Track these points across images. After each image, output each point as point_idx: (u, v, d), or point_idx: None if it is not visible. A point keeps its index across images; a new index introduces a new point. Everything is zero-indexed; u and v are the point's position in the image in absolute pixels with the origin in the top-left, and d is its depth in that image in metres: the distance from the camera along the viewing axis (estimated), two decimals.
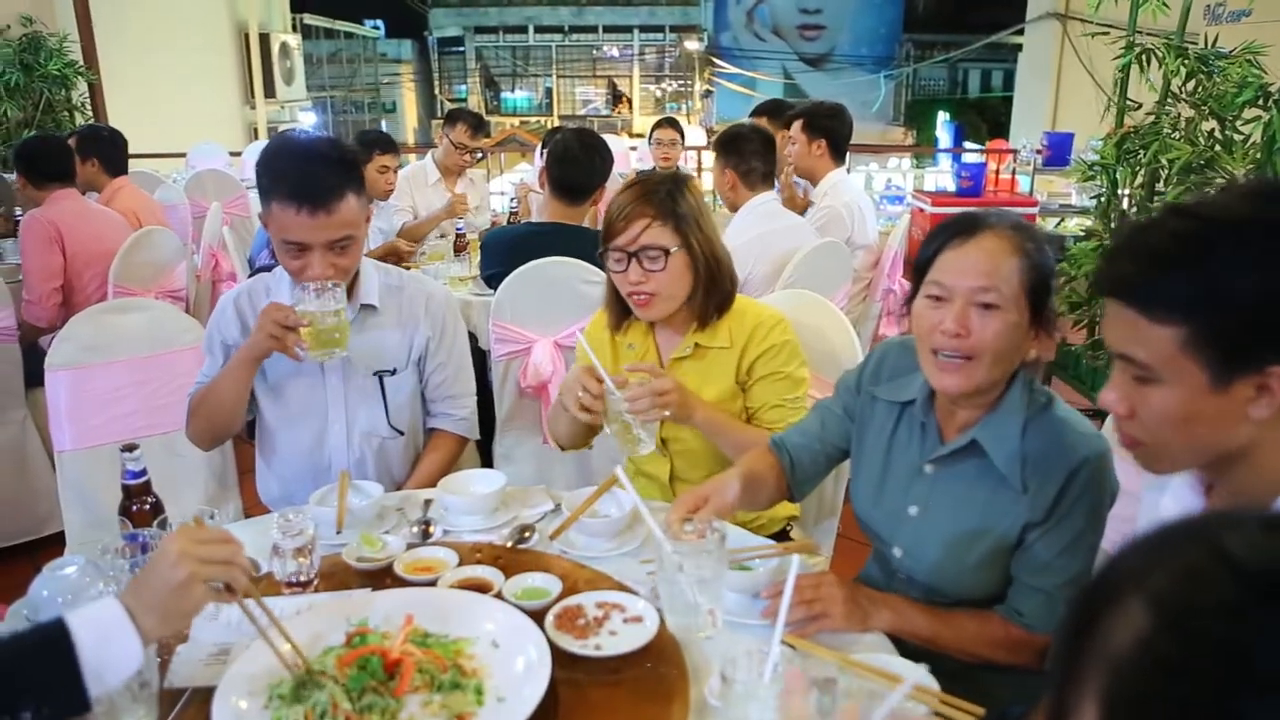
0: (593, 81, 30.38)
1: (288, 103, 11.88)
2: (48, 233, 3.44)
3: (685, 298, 1.88)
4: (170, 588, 1.06)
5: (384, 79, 23.18)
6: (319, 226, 1.76)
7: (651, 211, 1.81)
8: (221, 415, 1.94)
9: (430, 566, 1.53)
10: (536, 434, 2.84)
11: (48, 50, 7.15)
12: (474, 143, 4.40)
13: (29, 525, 3.27)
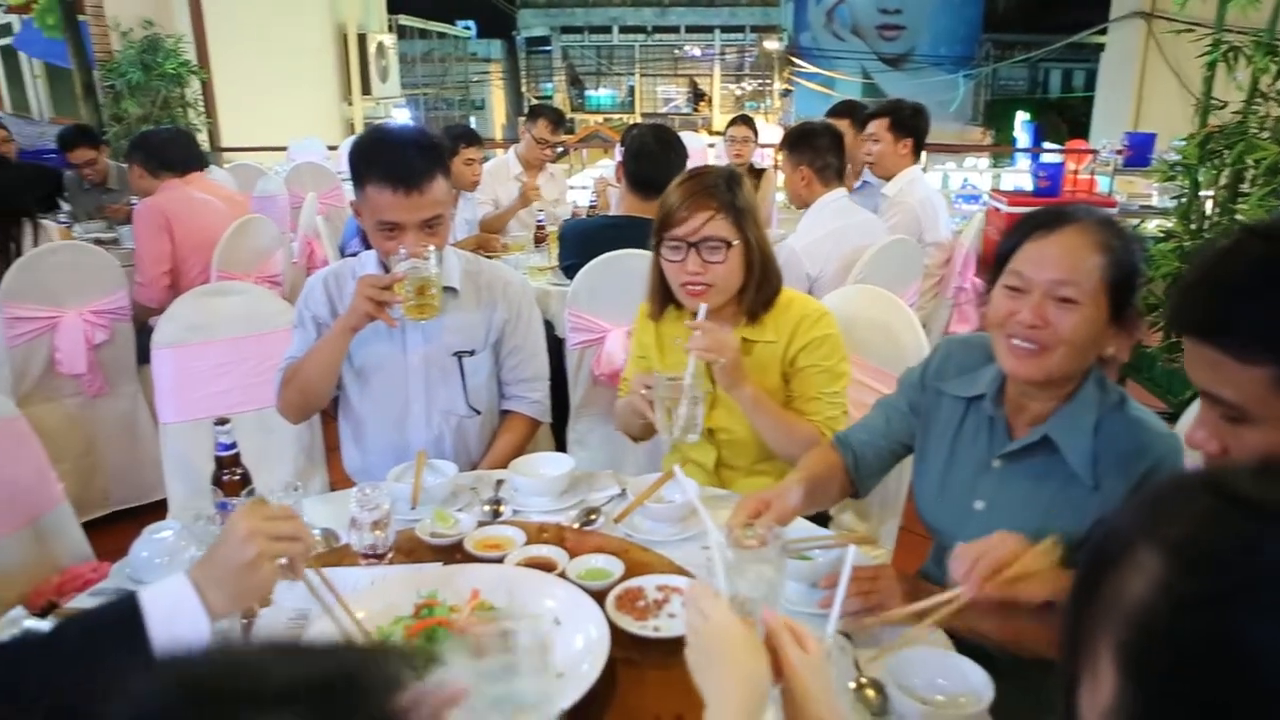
0: (674, 80, 30.29)
1: (383, 100, 12.10)
2: (157, 220, 3.57)
3: (737, 291, 1.86)
4: (239, 565, 1.05)
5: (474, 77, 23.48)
6: (412, 206, 1.82)
7: (714, 204, 1.79)
8: (313, 386, 1.99)
9: (499, 544, 1.54)
10: (608, 420, 2.84)
11: (165, 51, 7.42)
12: (554, 137, 4.43)
13: (137, 491, 3.41)
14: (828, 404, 1.87)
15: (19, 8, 6.59)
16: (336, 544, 1.59)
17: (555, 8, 28.20)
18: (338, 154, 7.57)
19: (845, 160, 3.39)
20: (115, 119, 7.26)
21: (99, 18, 7.25)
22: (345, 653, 0.43)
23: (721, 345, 1.71)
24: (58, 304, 3.13)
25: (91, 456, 3.33)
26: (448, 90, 19.90)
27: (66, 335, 3.13)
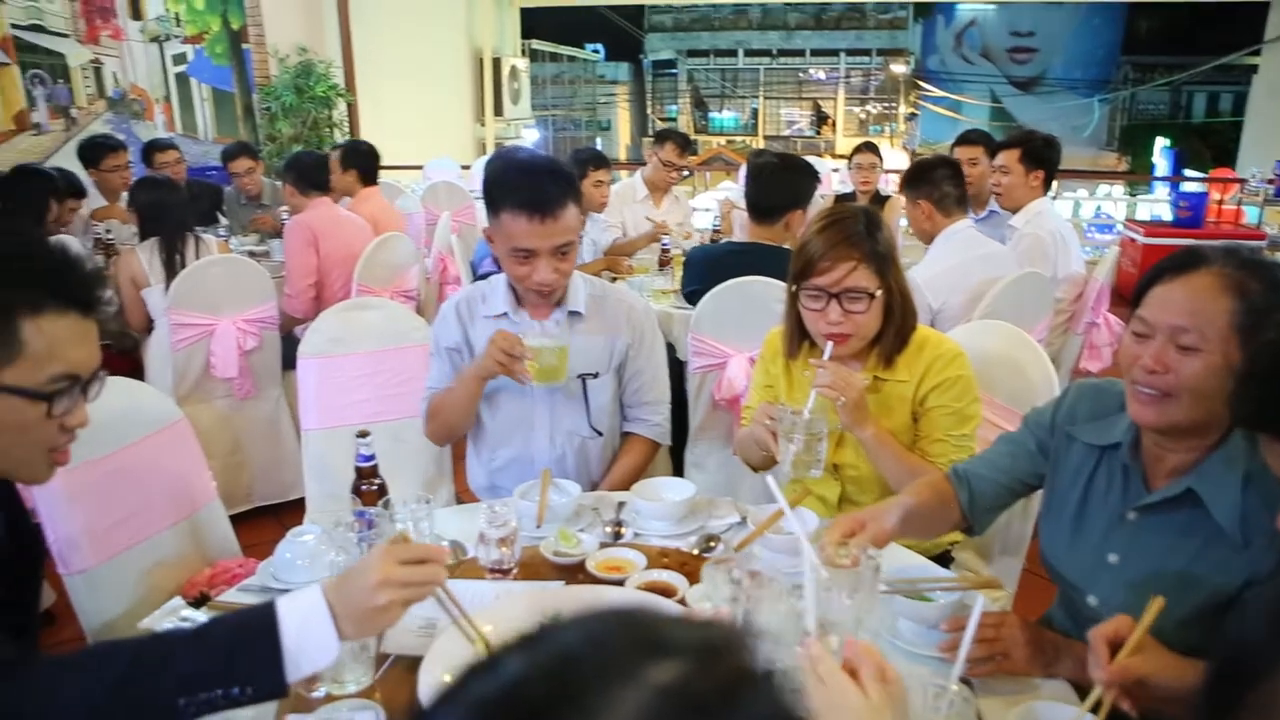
0: (798, 103, 30.09)
1: (514, 120, 12.44)
2: (306, 236, 3.76)
3: (875, 336, 1.83)
4: (371, 608, 1.09)
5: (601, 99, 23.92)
6: (545, 233, 1.85)
7: (857, 254, 1.74)
8: (455, 420, 2.09)
9: (620, 566, 1.56)
10: (726, 445, 2.84)
11: (316, 75, 7.83)
12: (681, 160, 4.46)
13: (278, 489, 3.59)
14: (953, 446, 1.82)
15: (194, 38, 7.05)
16: (464, 556, 1.63)
17: (682, 31, 28.46)
18: (470, 173, 7.83)
19: (965, 188, 3.30)
20: (270, 138, 7.70)
21: (260, 46, 7.72)
22: (715, 624, 0.49)
23: (845, 385, 1.69)
24: (215, 312, 3.33)
25: (238, 455, 3.52)
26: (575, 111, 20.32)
27: (221, 341, 3.33)
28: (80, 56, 6.10)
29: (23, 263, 1.11)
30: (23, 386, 1.09)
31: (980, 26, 25.37)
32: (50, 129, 5.84)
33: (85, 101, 6.15)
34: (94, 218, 4.64)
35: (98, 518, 1.82)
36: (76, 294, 1.13)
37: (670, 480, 1.86)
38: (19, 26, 5.61)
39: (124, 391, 1.98)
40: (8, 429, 1.10)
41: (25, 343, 1.08)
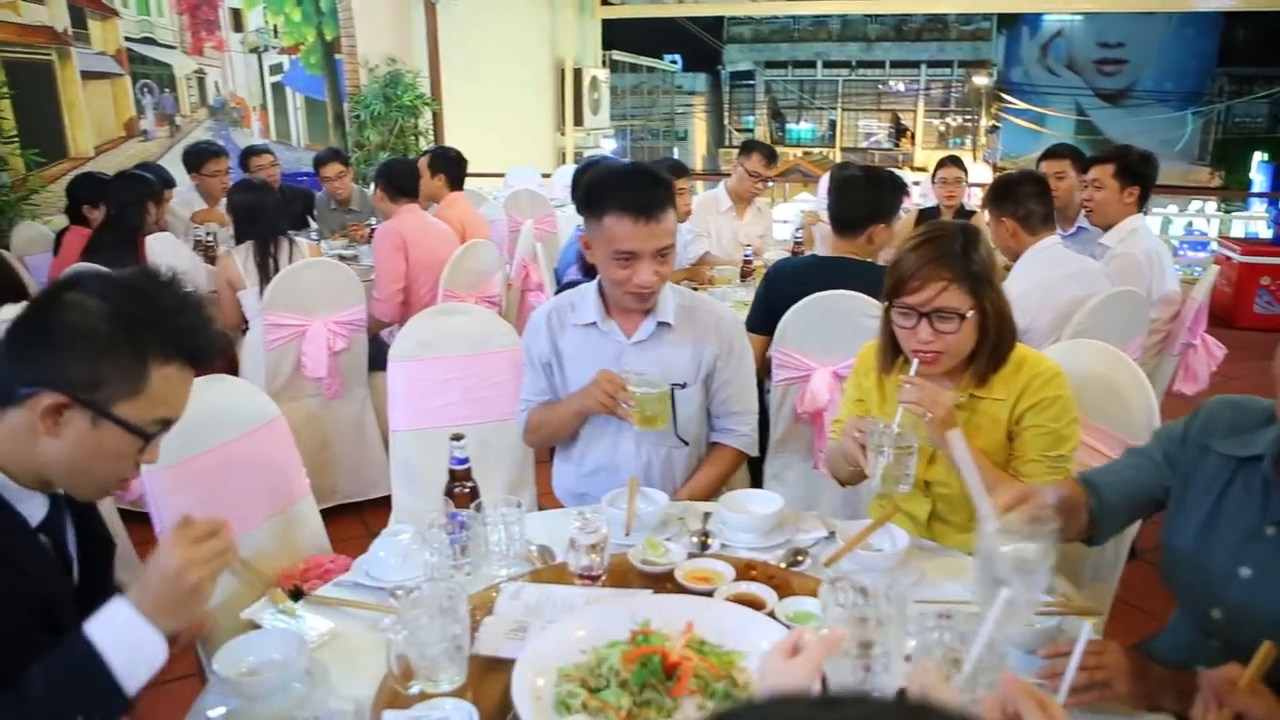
0: (876, 115, 29.75)
1: (593, 130, 12.54)
2: (396, 242, 3.84)
3: (969, 357, 1.79)
4: (183, 593, 1.11)
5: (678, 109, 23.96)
6: (649, 235, 1.88)
7: (949, 274, 1.70)
8: (555, 438, 2.20)
9: (708, 577, 1.55)
10: (807, 458, 2.81)
11: (404, 85, 8.01)
12: (767, 171, 4.44)
13: (361, 487, 3.66)
14: (1048, 468, 1.77)
15: (290, 49, 7.29)
16: (552, 561, 1.64)
17: (761, 43, 28.39)
18: (550, 181, 7.91)
19: (1052, 204, 3.20)
20: (358, 145, 7.90)
21: (352, 56, 7.93)
22: None
23: (933, 402, 1.66)
24: (307, 314, 3.42)
25: (325, 452, 3.60)
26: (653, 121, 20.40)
27: (313, 342, 3.41)
28: (186, 67, 6.35)
29: (169, 317, 1.18)
30: (132, 422, 1.15)
31: (1067, 37, 24.76)
32: (156, 135, 6.09)
33: (189, 109, 6.40)
34: (194, 220, 4.81)
35: (201, 508, 1.86)
36: (200, 352, 1.21)
37: (757, 492, 1.84)
38: (132, 39, 5.87)
39: (228, 388, 2.05)
40: (103, 455, 1.17)
41: (149, 385, 1.15)
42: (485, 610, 1.45)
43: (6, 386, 1.12)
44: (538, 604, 1.48)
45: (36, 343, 1.13)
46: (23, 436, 1.13)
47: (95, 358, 1.12)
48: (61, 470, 1.17)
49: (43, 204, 4.99)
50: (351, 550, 2.08)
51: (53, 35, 5.31)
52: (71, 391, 1.11)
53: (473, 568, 1.58)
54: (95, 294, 1.14)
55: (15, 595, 1.14)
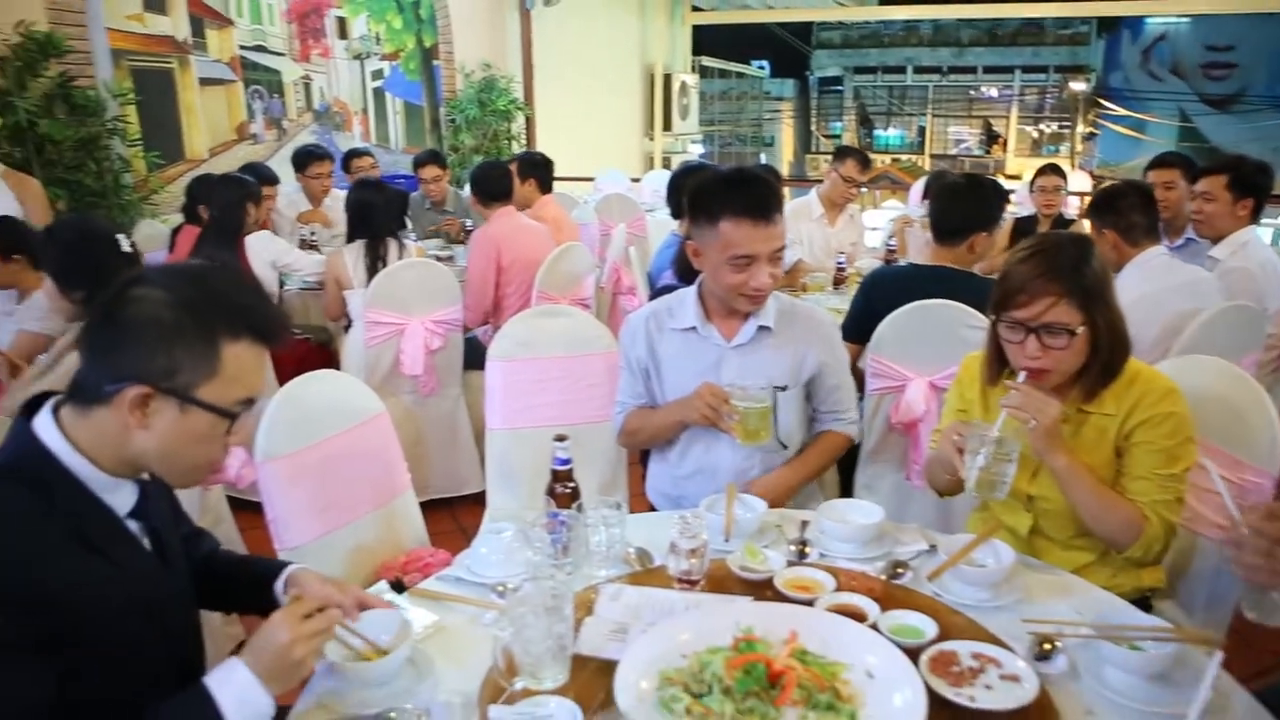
0: (967, 121, 29.11)
1: (681, 135, 12.55)
2: (489, 251, 3.91)
3: (1077, 372, 1.73)
4: (289, 665, 1.18)
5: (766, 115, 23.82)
6: (766, 237, 1.89)
7: (1058, 289, 1.64)
8: (652, 443, 2.21)
9: (808, 586, 1.53)
10: (900, 469, 2.76)
11: (498, 90, 8.14)
12: (862, 177, 4.38)
13: (453, 483, 3.73)
14: (1159, 487, 1.69)
15: (391, 55, 7.49)
16: (650, 564, 1.64)
17: (850, 48, 28.05)
18: (640, 186, 7.94)
19: (1157, 216, 3.07)
20: (453, 149, 8.05)
21: (449, 62, 8.09)
22: None
23: (1038, 410, 1.62)
24: (406, 312, 3.49)
25: (419, 448, 3.68)
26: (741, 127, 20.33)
27: (411, 340, 3.49)
28: (293, 73, 6.56)
29: (228, 296, 1.21)
30: (215, 404, 1.19)
31: (1171, 41, 23.83)
32: (265, 139, 6.31)
33: (295, 114, 6.61)
34: (300, 220, 4.97)
35: (310, 499, 1.94)
36: (265, 327, 1.23)
37: (856, 503, 1.81)
38: (245, 48, 6.10)
39: (337, 383, 2.11)
40: (193, 440, 1.20)
41: (223, 364, 1.18)
42: (585, 610, 1.46)
43: (92, 386, 1.16)
44: (637, 606, 1.48)
45: (111, 340, 1.17)
46: (114, 432, 1.17)
47: (168, 345, 1.15)
48: (156, 460, 1.20)
49: (161, 203, 5.22)
50: (444, 545, 2.13)
51: (174, 44, 5.55)
52: (153, 381, 1.15)
53: (573, 568, 1.58)
54: (156, 286, 1.17)
55: (111, 587, 1.18)
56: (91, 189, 4.60)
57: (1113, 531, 1.69)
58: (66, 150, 4.50)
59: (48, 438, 1.17)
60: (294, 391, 1.97)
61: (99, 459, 1.18)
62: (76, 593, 1.13)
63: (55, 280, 2.33)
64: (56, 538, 1.14)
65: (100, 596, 1.16)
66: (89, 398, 1.17)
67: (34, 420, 1.18)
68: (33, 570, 1.10)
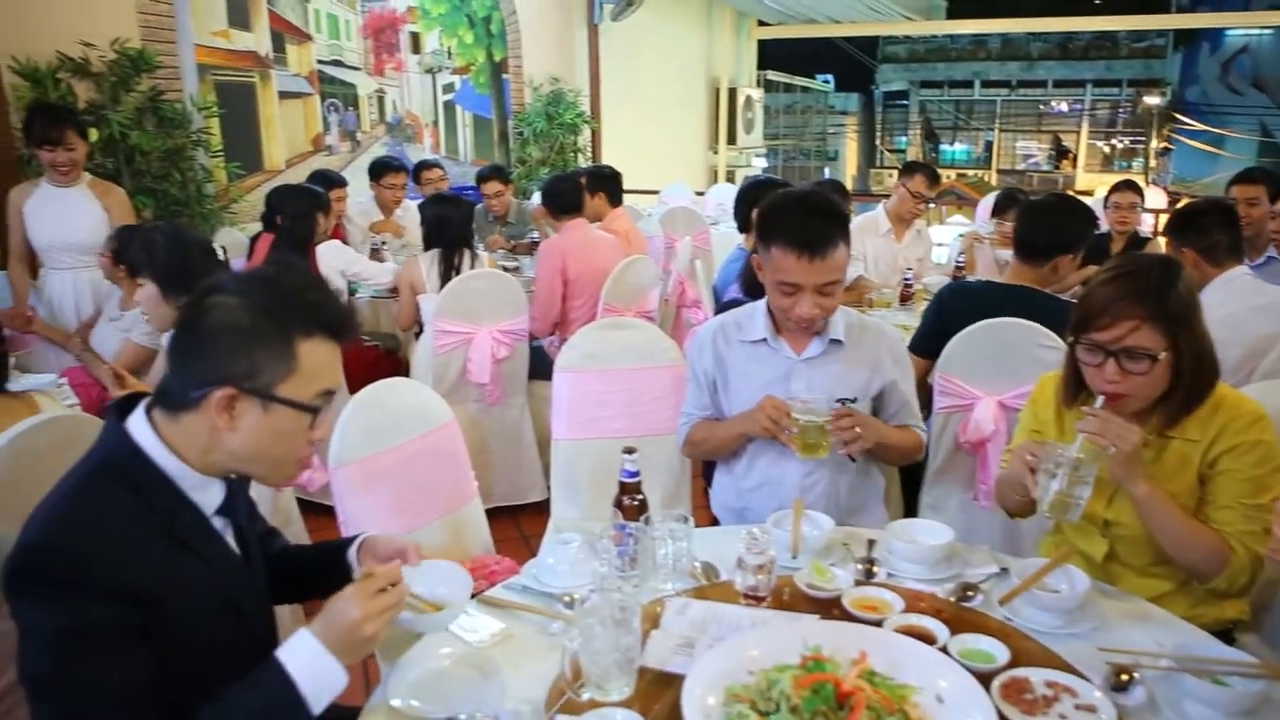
0: (1036, 136, 28.55)
1: (745, 149, 12.54)
2: (556, 263, 3.95)
3: (1159, 398, 1.67)
4: (359, 640, 1.19)
5: (830, 129, 23.65)
6: (813, 271, 1.88)
7: (1142, 312, 1.59)
8: (715, 455, 2.21)
9: (876, 606, 1.51)
10: (967, 489, 2.70)
11: (565, 103, 8.23)
12: (930, 193, 4.32)
13: (516, 491, 3.76)
14: (1243, 516, 1.63)
15: (461, 69, 7.62)
16: (716, 578, 1.63)
17: (916, 62, 27.75)
18: (704, 199, 7.95)
19: (1240, 234, 2.96)
20: (520, 161, 8.16)
21: (518, 76, 8.21)
22: None
23: (1117, 436, 1.56)
24: (474, 322, 3.54)
25: (483, 456, 3.71)
26: (805, 141, 20.22)
27: (478, 349, 3.53)
28: (368, 87, 6.72)
29: (299, 296, 1.25)
30: (295, 400, 1.22)
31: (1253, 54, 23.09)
32: (339, 150, 6.46)
33: (368, 126, 6.76)
34: (371, 229, 5.08)
35: (381, 504, 1.97)
36: (336, 322, 1.27)
37: (924, 523, 1.78)
38: (322, 62, 6.27)
39: (408, 391, 2.15)
40: (279, 437, 1.23)
41: (300, 361, 1.22)
42: (652, 623, 1.46)
43: (179, 392, 1.21)
44: (704, 620, 1.47)
45: (193, 347, 1.21)
46: (203, 435, 1.21)
47: (247, 347, 1.19)
48: (246, 459, 1.24)
49: (240, 213, 5.37)
50: (507, 553, 2.15)
51: (256, 59, 5.73)
52: (236, 383, 1.19)
53: (640, 580, 1.59)
54: (231, 292, 1.22)
55: (199, 583, 1.23)
56: (176, 198, 4.76)
57: (1195, 562, 1.64)
58: (154, 161, 4.66)
59: (141, 437, 1.21)
60: (367, 398, 2.01)
61: (189, 458, 1.22)
62: (168, 587, 1.17)
63: (159, 285, 2.39)
64: (151, 533, 1.18)
65: (189, 591, 1.20)
66: (176, 403, 1.21)
67: (127, 420, 1.23)
68: (130, 563, 1.14)
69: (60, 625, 1.09)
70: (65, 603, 1.09)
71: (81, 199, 3.59)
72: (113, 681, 1.10)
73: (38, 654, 1.11)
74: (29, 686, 1.13)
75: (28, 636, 1.12)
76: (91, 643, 1.10)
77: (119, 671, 1.11)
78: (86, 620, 1.09)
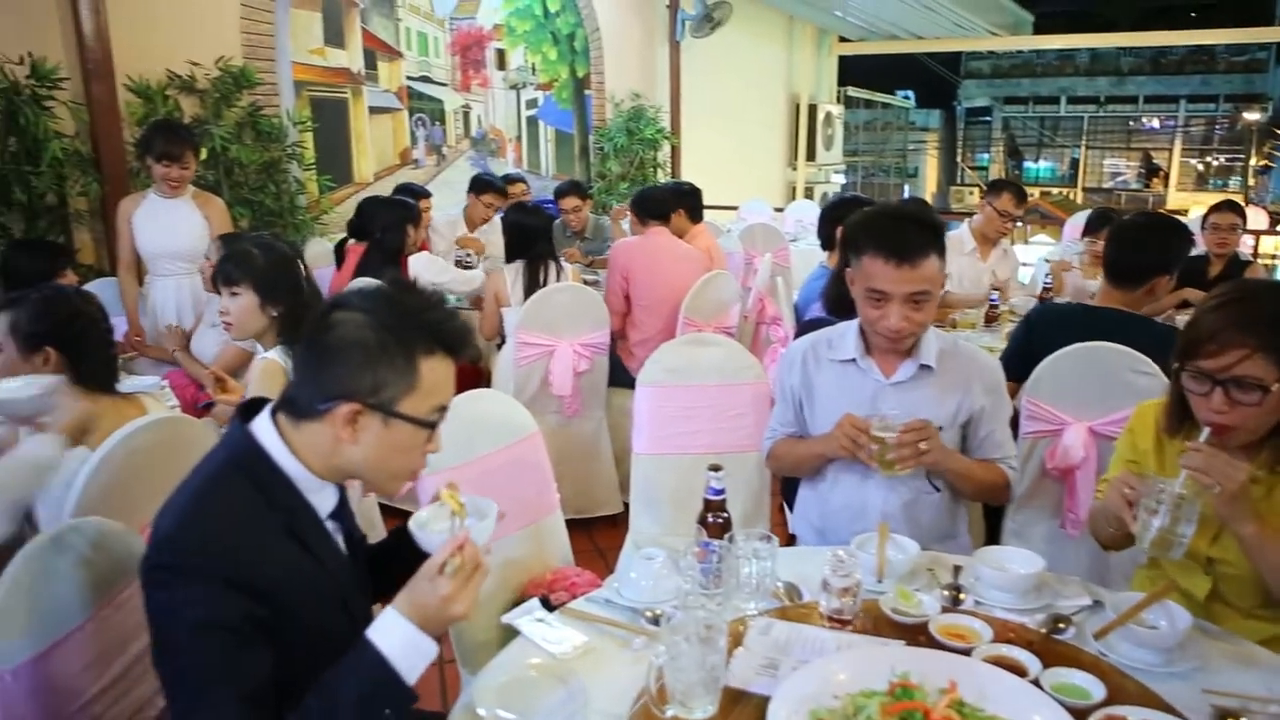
0: (1125, 153, 27.68)
1: (824, 165, 12.45)
2: (619, 259, 4.04)
3: (1269, 432, 1.60)
4: (447, 617, 1.22)
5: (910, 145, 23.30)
6: (902, 278, 1.85)
7: (1253, 341, 1.52)
8: (796, 473, 2.21)
9: (964, 634, 1.47)
10: (1054, 516, 2.63)
11: (646, 119, 8.29)
12: (1017, 211, 4.23)
13: (592, 504, 3.78)
14: None
15: (545, 85, 7.75)
16: (798, 599, 1.62)
17: (1000, 78, 27.19)
18: (783, 216, 7.92)
19: None
20: (600, 176, 8.24)
21: (600, 92, 8.30)
22: None
23: (1223, 474, 1.50)
24: (556, 334, 3.58)
25: (560, 468, 3.67)
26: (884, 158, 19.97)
27: (560, 361, 3.57)
28: (454, 102, 6.88)
29: (421, 315, 1.28)
30: (415, 416, 1.26)
31: None
32: (425, 164, 6.62)
33: (454, 140, 6.92)
34: (457, 244, 5.19)
35: None
36: (454, 341, 1.30)
37: (1013, 550, 1.73)
38: (412, 78, 6.44)
39: (496, 402, 2.19)
40: (398, 450, 1.28)
41: (420, 378, 1.25)
42: (735, 643, 1.45)
43: (304, 403, 1.26)
44: (787, 641, 1.46)
45: (321, 361, 1.26)
46: (324, 444, 1.26)
47: (372, 364, 1.23)
48: (365, 470, 1.29)
49: (329, 223, 5.54)
50: (579, 565, 2.16)
51: (350, 76, 5.91)
52: (360, 398, 1.23)
53: (724, 598, 1.58)
54: (357, 309, 1.26)
55: (316, 581, 1.27)
56: (271, 209, 4.94)
57: None
58: (251, 173, 4.85)
59: (266, 439, 1.27)
60: (454, 408, 2.05)
61: (310, 463, 1.27)
62: (288, 583, 1.21)
63: (258, 294, 2.48)
64: (273, 530, 1.23)
65: (306, 588, 1.24)
66: (302, 412, 1.26)
67: (252, 423, 1.29)
68: (257, 558, 1.19)
69: (195, 617, 1.14)
70: (198, 595, 1.14)
71: (186, 209, 3.74)
72: (242, 673, 1.15)
73: (170, 645, 1.16)
74: (163, 675, 1.18)
75: (163, 627, 1.17)
76: (224, 635, 1.14)
77: (248, 663, 1.15)
78: (217, 613, 1.14)
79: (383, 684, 1.19)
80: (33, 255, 3.29)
